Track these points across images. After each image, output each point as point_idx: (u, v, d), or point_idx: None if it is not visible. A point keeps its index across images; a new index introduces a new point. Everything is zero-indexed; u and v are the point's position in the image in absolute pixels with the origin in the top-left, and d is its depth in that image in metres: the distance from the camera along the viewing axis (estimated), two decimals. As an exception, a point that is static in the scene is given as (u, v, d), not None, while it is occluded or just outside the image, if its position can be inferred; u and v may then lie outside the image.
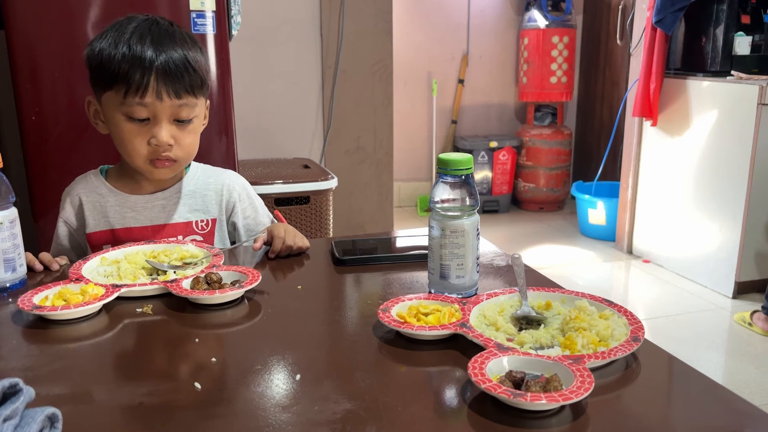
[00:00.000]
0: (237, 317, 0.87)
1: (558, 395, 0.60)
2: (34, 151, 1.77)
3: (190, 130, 1.12)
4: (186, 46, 1.09)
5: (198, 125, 1.14)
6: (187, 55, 1.07)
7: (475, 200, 0.87)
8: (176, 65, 1.05)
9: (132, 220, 1.18)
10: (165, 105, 1.06)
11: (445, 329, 0.77)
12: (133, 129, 1.08)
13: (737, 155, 2.77)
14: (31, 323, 0.85)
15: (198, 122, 1.14)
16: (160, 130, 1.07)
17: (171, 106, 1.07)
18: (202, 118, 1.16)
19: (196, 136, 1.14)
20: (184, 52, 1.07)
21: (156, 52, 1.05)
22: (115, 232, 1.17)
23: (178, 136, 1.10)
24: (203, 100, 1.14)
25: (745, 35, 2.97)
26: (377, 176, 3.02)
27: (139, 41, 1.05)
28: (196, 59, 1.09)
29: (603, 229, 3.67)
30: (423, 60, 4.26)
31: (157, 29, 1.08)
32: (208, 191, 1.24)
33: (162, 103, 1.05)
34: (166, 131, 1.07)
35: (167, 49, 1.06)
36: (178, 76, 1.06)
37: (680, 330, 2.59)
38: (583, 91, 4.52)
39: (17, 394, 0.55)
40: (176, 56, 1.06)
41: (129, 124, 1.08)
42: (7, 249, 0.94)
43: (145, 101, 1.05)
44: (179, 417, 0.64)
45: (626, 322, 0.78)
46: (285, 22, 2.76)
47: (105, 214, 1.18)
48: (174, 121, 1.09)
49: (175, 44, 1.07)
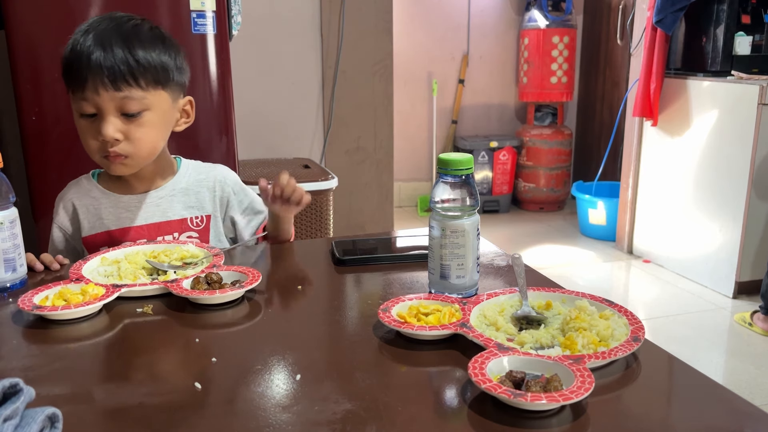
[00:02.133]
0: (237, 317, 0.87)
1: (558, 395, 0.60)
2: (35, 151, 1.77)
3: (142, 124, 1.08)
4: (140, 42, 1.07)
5: (154, 119, 1.10)
6: (132, 49, 1.05)
7: (476, 200, 0.87)
8: (115, 58, 1.04)
9: (127, 220, 1.18)
10: (105, 98, 1.04)
11: (445, 329, 0.77)
12: (85, 125, 1.08)
13: (737, 155, 2.77)
14: (31, 323, 0.85)
15: (154, 116, 1.10)
16: (104, 124, 1.06)
17: (112, 99, 1.05)
18: (162, 113, 1.12)
19: (151, 130, 1.10)
20: (129, 46, 1.05)
21: (95, 45, 1.04)
22: (111, 234, 1.17)
23: (128, 131, 1.07)
24: (163, 94, 1.11)
25: (746, 35, 2.97)
26: (377, 176, 3.02)
27: (82, 37, 1.06)
28: (148, 54, 1.07)
29: (603, 229, 3.67)
30: (423, 60, 4.26)
31: (108, 24, 1.07)
32: (200, 188, 1.23)
33: (100, 96, 1.04)
34: (111, 126, 1.06)
35: (109, 43, 1.04)
36: (116, 68, 1.04)
37: (680, 330, 2.59)
38: (583, 91, 4.52)
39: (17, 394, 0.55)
40: (117, 49, 1.04)
41: (81, 120, 1.08)
42: (8, 249, 0.94)
43: (86, 95, 1.05)
44: (179, 417, 0.64)
45: (626, 322, 0.78)
46: (285, 22, 2.76)
47: (100, 217, 1.18)
48: (122, 115, 1.07)
49: (123, 39, 1.06)
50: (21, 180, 1.76)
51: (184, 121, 1.20)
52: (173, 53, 1.12)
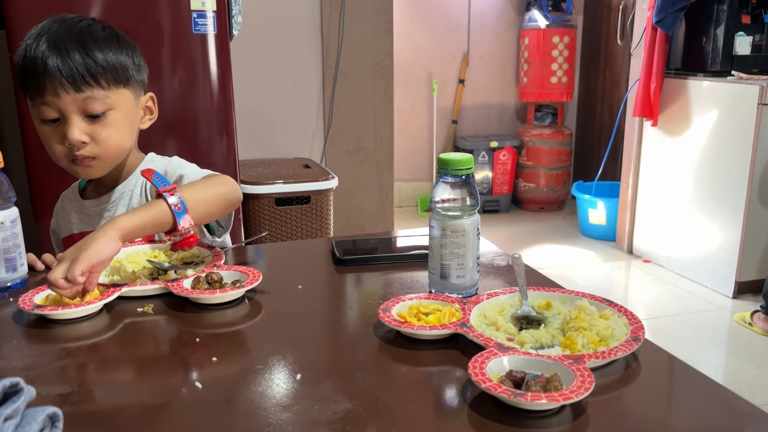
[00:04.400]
0: (238, 317, 0.87)
1: (558, 395, 0.60)
2: (35, 150, 1.77)
3: (107, 124, 1.07)
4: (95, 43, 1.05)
5: (119, 118, 1.08)
6: (88, 50, 1.04)
7: (476, 200, 0.87)
8: (72, 61, 1.02)
9: (86, 225, 1.18)
10: (66, 101, 1.03)
11: (445, 329, 0.77)
12: (48, 131, 1.06)
13: (737, 155, 2.77)
14: (32, 323, 0.85)
15: (118, 115, 1.08)
16: (69, 127, 1.04)
17: (75, 101, 1.03)
18: (126, 111, 1.10)
19: (117, 129, 1.08)
20: (85, 48, 1.04)
21: (49, 50, 1.02)
22: (75, 237, 1.18)
23: (93, 132, 1.06)
24: (125, 92, 1.09)
25: (746, 35, 2.97)
26: (378, 176, 3.02)
27: (35, 41, 1.04)
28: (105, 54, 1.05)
29: (603, 229, 3.67)
30: (423, 60, 4.26)
31: (59, 27, 1.05)
32: (136, 186, 1.19)
33: (61, 99, 1.02)
34: (77, 129, 1.04)
35: (64, 46, 1.03)
36: (74, 69, 1.02)
37: (680, 330, 2.59)
38: (583, 91, 4.52)
39: (18, 393, 0.55)
40: (72, 52, 1.03)
41: (44, 126, 1.06)
42: (8, 248, 0.94)
43: (46, 99, 1.03)
44: (180, 417, 0.64)
45: (626, 321, 0.78)
46: (285, 22, 2.76)
47: (69, 220, 1.21)
48: (86, 117, 1.05)
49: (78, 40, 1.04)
50: (21, 180, 1.76)
51: (148, 118, 1.18)
52: (129, 51, 1.10)
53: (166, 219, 0.95)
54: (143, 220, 0.93)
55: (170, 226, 0.96)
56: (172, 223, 0.95)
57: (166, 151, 1.27)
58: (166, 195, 0.95)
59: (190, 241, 1.00)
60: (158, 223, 0.95)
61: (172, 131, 1.88)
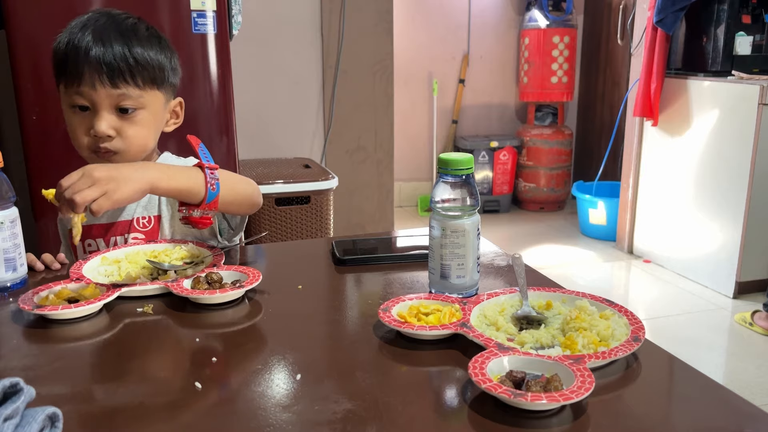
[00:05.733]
0: (237, 317, 0.87)
1: (558, 395, 0.60)
2: (35, 150, 1.77)
3: (135, 122, 1.08)
4: (138, 41, 1.07)
5: (148, 118, 1.10)
6: (131, 46, 1.05)
7: (476, 200, 0.87)
8: (114, 55, 1.04)
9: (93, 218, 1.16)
10: (101, 94, 1.04)
11: (445, 329, 0.77)
12: (76, 119, 1.08)
13: (738, 155, 2.77)
14: (31, 323, 0.85)
15: (147, 115, 1.10)
16: (99, 120, 1.05)
17: (109, 95, 1.05)
18: (155, 112, 1.12)
19: (144, 128, 1.10)
20: (128, 44, 1.05)
21: (94, 41, 1.04)
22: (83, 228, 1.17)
23: (121, 128, 1.07)
24: (158, 94, 1.11)
25: (746, 35, 2.97)
26: (378, 176, 3.02)
27: (80, 31, 1.05)
28: (146, 53, 1.07)
29: (603, 229, 3.67)
30: (424, 60, 4.26)
31: (106, 21, 1.07)
32: None
33: (97, 92, 1.04)
34: (105, 122, 1.06)
35: (108, 39, 1.04)
36: (114, 65, 1.04)
37: (681, 330, 2.59)
38: (583, 91, 4.52)
39: (18, 393, 0.55)
40: (116, 46, 1.04)
41: (73, 114, 1.08)
42: (8, 248, 0.94)
43: (82, 89, 1.05)
44: (180, 417, 0.64)
45: (627, 322, 0.78)
46: (285, 22, 2.76)
47: None
48: (117, 111, 1.07)
49: (122, 36, 1.06)
50: (21, 180, 1.76)
51: (173, 122, 1.20)
52: (168, 54, 1.13)
53: (198, 192, 0.97)
54: (177, 185, 0.96)
55: (197, 200, 0.97)
56: (201, 199, 0.97)
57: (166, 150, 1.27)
58: (207, 172, 0.97)
59: (205, 221, 1.01)
60: (189, 194, 0.97)
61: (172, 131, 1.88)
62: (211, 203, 0.98)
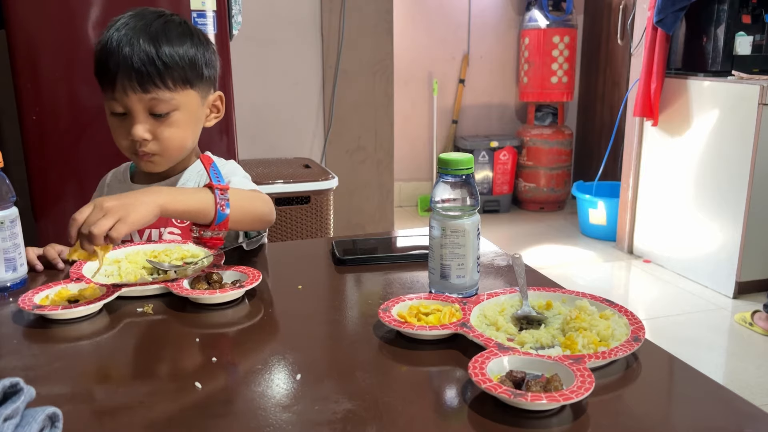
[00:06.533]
0: (237, 317, 0.87)
1: (558, 395, 0.60)
2: (35, 150, 1.77)
3: (170, 124, 1.09)
4: (168, 41, 1.07)
5: (183, 119, 1.11)
6: (158, 48, 1.05)
7: (476, 200, 0.87)
8: (141, 60, 1.04)
9: None
10: (133, 100, 1.06)
11: (445, 329, 0.77)
12: (116, 123, 1.10)
13: (738, 155, 2.77)
14: (31, 323, 0.85)
15: (183, 115, 1.11)
16: (134, 125, 1.07)
17: (141, 100, 1.06)
18: (191, 111, 1.12)
19: (179, 129, 1.11)
20: (156, 46, 1.05)
21: (125, 47, 1.04)
22: None
23: (156, 131, 1.09)
24: (191, 93, 1.11)
25: (746, 35, 2.97)
26: (378, 176, 3.02)
27: (111, 36, 1.06)
28: (175, 52, 1.07)
29: (603, 229, 3.67)
30: (424, 60, 4.26)
31: (137, 23, 1.07)
32: (188, 182, 1.20)
33: (129, 97, 1.06)
34: (141, 126, 1.07)
35: (137, 43, 1.05)
36: (143, 70, 1.04)
37: (681, 330, 2.59)
38: (583, 91, 4.52)
39: (18, 393, 0.55)
40: (144, 49, 1.04)
41: (112, 118, 1.10)
42: (8, 248, 0.94)
43: (115, 96, 1.06)
44: (180, 417, 0.64)
45: (627, 322, 0.78)
46: (286, 22, 2.76)
47: None
48: (151, 115, 1.08)
49: (150, 38, 1.06)
50: (21, 180, 1.76)
51: (214, 116, 1.21)
52: (202, 48, 1.12)
53: (208, 214, 0.97)
54: (186, 208, 0.96)
55: (207, 221, 0.98)
56: (211, 220, 0.98)
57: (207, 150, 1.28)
58: (217, 192, 0.98)
59: (216, 241, 1.03)
60: (198, 214, 0.97)
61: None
62: (221, 224, 0.98)
